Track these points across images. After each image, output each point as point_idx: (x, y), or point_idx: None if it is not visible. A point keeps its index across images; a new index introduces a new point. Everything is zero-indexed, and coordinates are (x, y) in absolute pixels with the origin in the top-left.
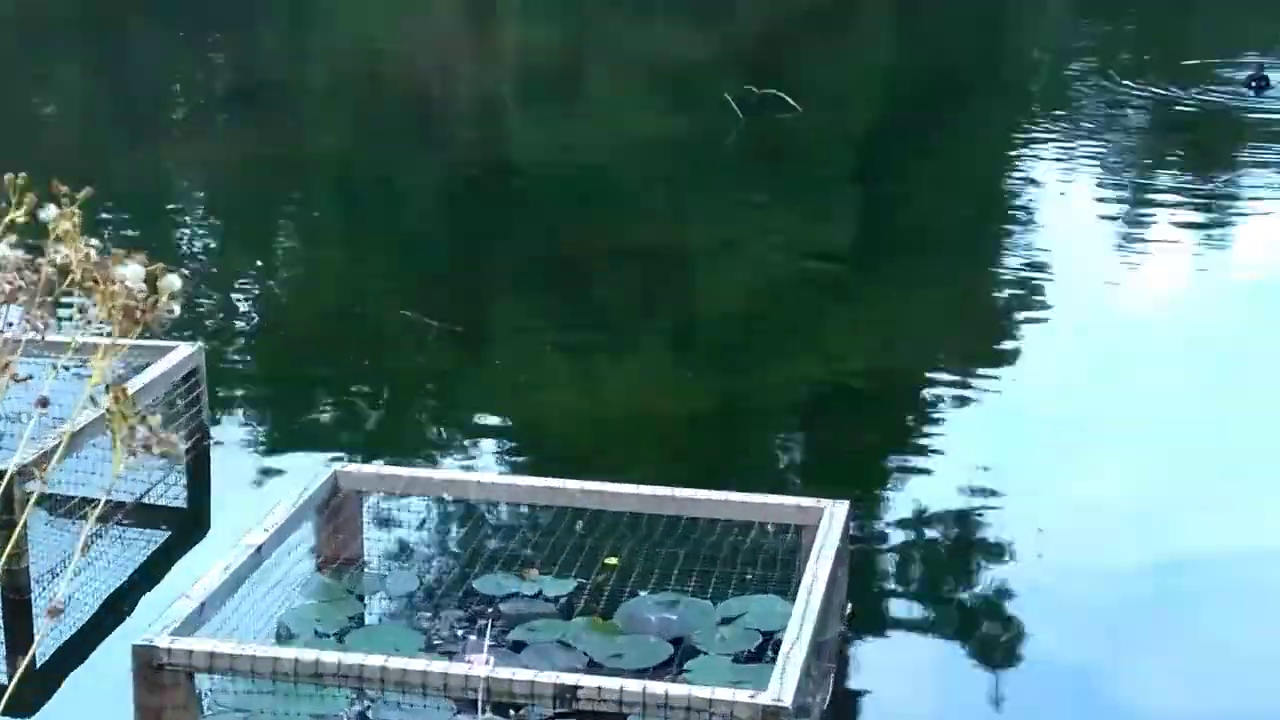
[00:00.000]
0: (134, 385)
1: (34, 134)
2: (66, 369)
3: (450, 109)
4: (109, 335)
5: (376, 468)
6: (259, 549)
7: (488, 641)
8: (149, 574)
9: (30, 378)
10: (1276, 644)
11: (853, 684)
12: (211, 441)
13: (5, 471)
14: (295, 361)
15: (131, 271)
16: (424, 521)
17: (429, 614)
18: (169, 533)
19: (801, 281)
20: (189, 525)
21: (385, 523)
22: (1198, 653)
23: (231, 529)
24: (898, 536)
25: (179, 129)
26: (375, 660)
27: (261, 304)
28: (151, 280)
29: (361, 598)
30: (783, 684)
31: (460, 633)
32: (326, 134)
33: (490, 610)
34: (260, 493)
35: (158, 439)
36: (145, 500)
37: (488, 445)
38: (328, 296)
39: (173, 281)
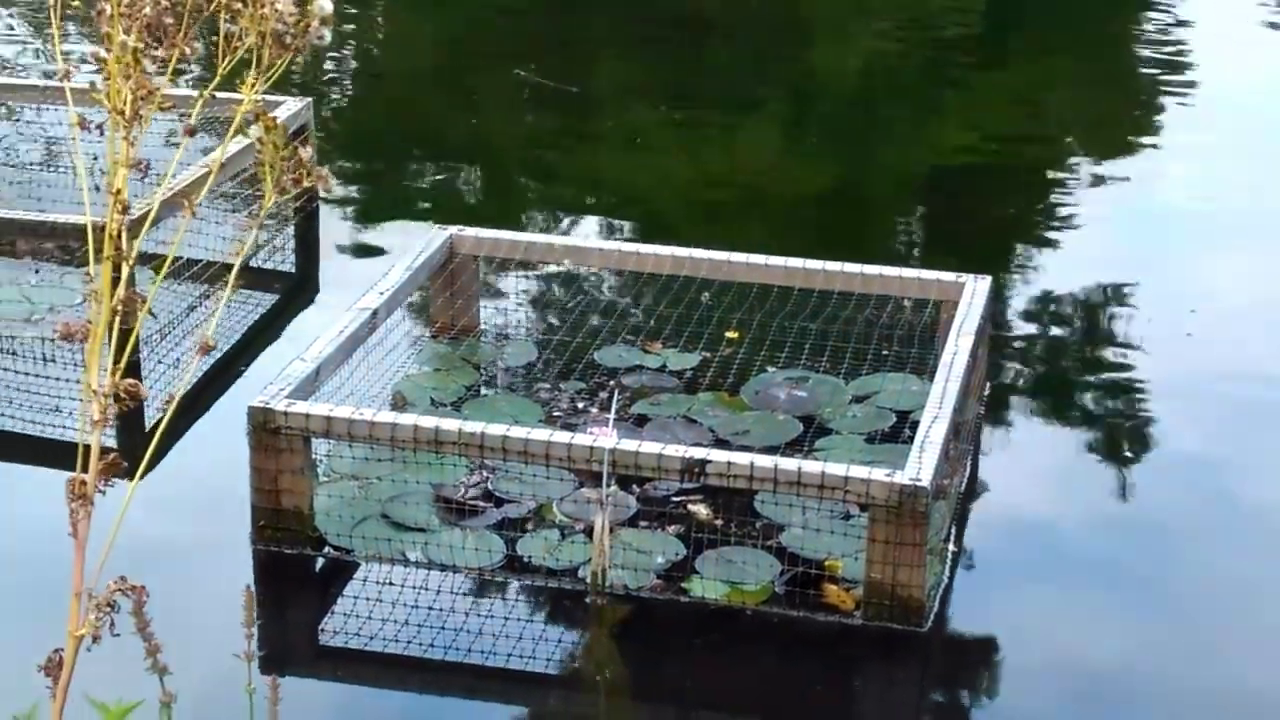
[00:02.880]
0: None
1: None
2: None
3: None
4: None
5: (494, 232)
6: (374, 313)
7: (612, 414)
8: (260, 338)
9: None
10: None
11: (987, 468)
12: (318, 203)
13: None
14: (402, 122)
15: None
16: (542, 290)
17: (548, 385)
18: (277, 296)
19: (933, 46)
20: (298, 289)
21: (502, 290)
22: None
23: (341, 293)
24: (1034, 317)
25: None
26: (497, 429)
27: (367, 61)
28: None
29: (478, 366)
30: (921, 463)
31: (581, 405)
32: None
33: (612, 383)
34: (370, 256)
35: (311, 171)
36: (253, 263)
37: (598, 211)
38: (436, 56)
39: (324, 5)
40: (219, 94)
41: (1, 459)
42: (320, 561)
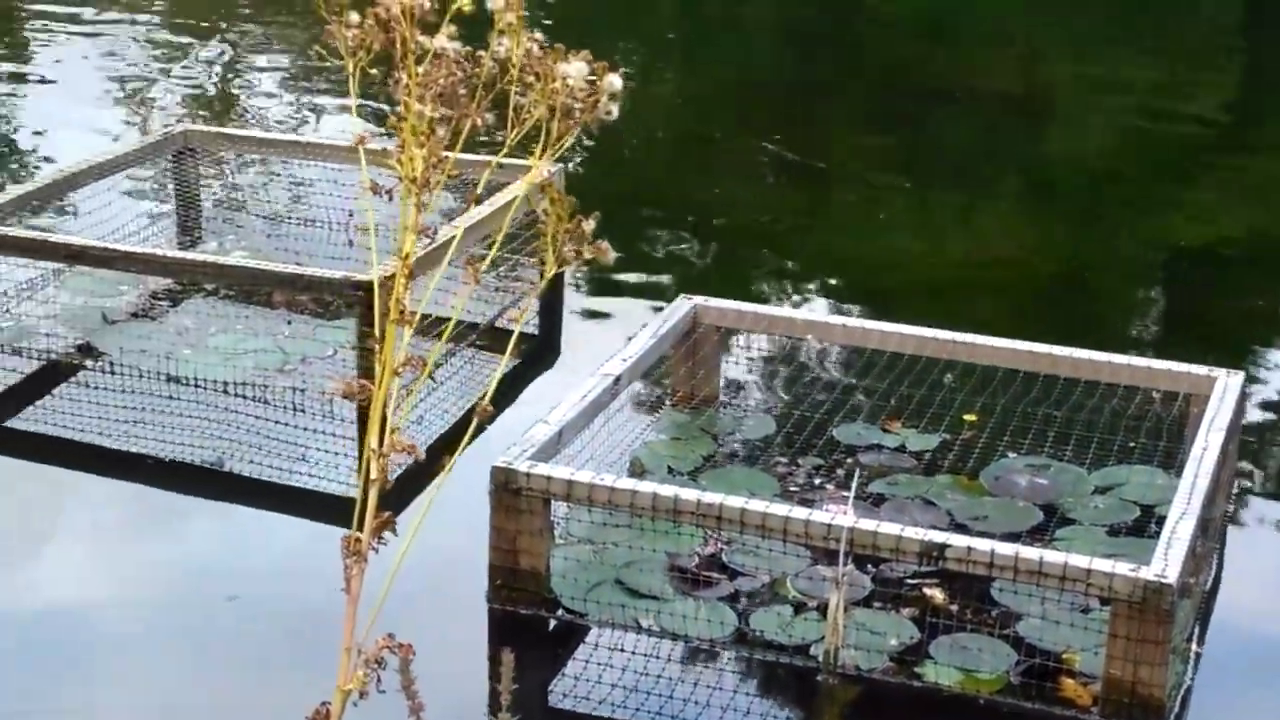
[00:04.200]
0: (498, 202)
1: None
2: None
3: None
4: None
5: (737, 304)
6: (616, 379)
7: (852, 493)
8: (501, 398)
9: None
10: None
11: (1234, 567)
12: (565, 268)
13: (369, 284)
14: (646, 187)
15: (575, 69)
16: (783, 363)
17: (785, 459)
18: (520, 359)
19: (1171, 135)
20: (540, 351)
21: (743, 362)
22: None
23: (582, 357)
24: None
25: None
26: (735, 502)
27: (613, 125)
28: (592, 80)
29: (716, 437)
30: (1167, 560)
31: (818, 481)
32: None
33: (850, 460)
34: (609, 321)
35: (590, 244)
36: (497, 323)
37: (837, 286)
38: (682, 123)
39: (614, 82)
40: (477, 157)
41: (251, 506)
42: (554, 623)
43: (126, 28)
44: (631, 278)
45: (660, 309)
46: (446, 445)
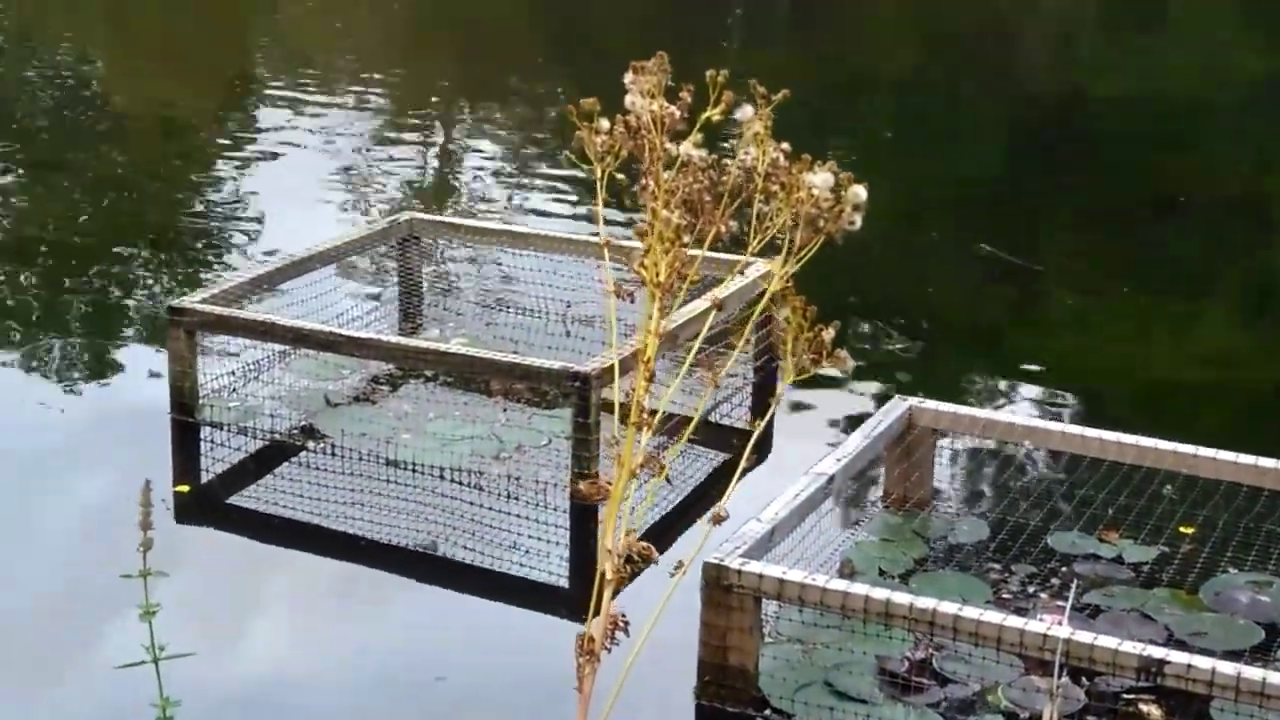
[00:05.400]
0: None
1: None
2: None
3: (1023, 30)
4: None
5: (953, 407)
6: (830, 479)
7: (1068, 604)
8: (712, 493)
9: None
10: None
11: None
12: (778, 362)
13: (587, 375)
14: (860, 284)
15: (821, 180)
16: (998, 467)
17: (999, 566)
18: (728, 454)
19: None
20: (752, 446)
21: (958, 465)
22: None
23: (793, 454)
24: None
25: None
26: (949, 608)
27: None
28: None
29: (928, 540)
30: None
31: (1031, 589)
32: (892, 50)
33: (1065, 570)
34: (819, 416)
35: (832, 353)
36: (710, 418)
37: (1051, 390)
38: (894, 220)
39: (859, 192)
40: (710, 253)
41: (462, 590)
42: None
43: (352, 110)
44: (846, 376)
45: (869, 407)
46: (656, 538)
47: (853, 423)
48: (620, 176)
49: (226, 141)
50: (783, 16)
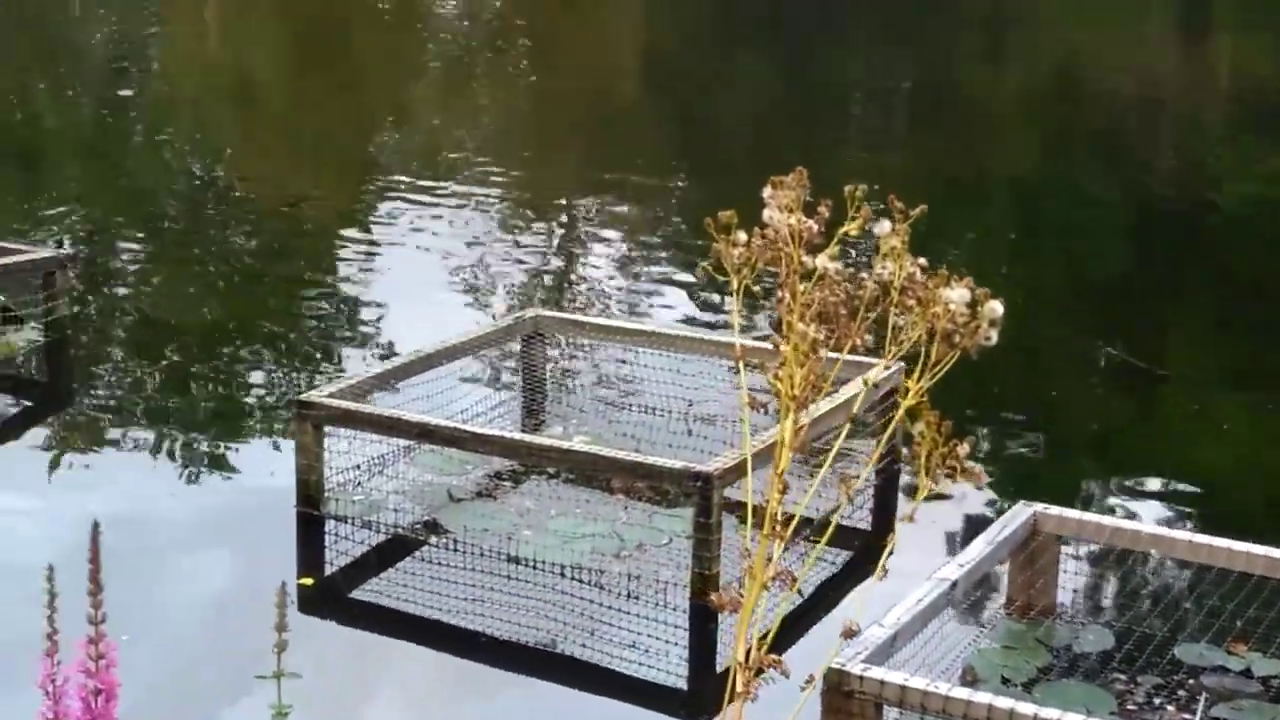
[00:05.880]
0: (833, 401)
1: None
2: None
3: (1151, 130)
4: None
5: (1078, 514)
6: (953, 585)
7: (1197, 718)
8: (832, 596)
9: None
10: None
11: None
12: (900, 465)
13: (709, 475)
14: (979, 387)
15: (958, 295)
16: (1126, 577)
17: (1124, 676)
18: (851, 554)
19: None
20: (871, 548)
21: (1082, 572)
22: None
23: (913, 558)
24: None
25: (864, 135)
26: (1072, 718)
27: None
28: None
29: (1052, 649)
30: None
31: (1158, 701)
32: (1015, 148)
33: (1192, 682)
34: (940, 522)
35: (965, 469)
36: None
37: (1177, 498)
38: (1010, 318)
39: (995, 308)
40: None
41: (581, 689)
42: None
43: (477, 202)
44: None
45: (990, 511)
46: (775, 641)
47: (973, 526)
48: (755, 287)
49: (353, 234)
50: (901, 114)
